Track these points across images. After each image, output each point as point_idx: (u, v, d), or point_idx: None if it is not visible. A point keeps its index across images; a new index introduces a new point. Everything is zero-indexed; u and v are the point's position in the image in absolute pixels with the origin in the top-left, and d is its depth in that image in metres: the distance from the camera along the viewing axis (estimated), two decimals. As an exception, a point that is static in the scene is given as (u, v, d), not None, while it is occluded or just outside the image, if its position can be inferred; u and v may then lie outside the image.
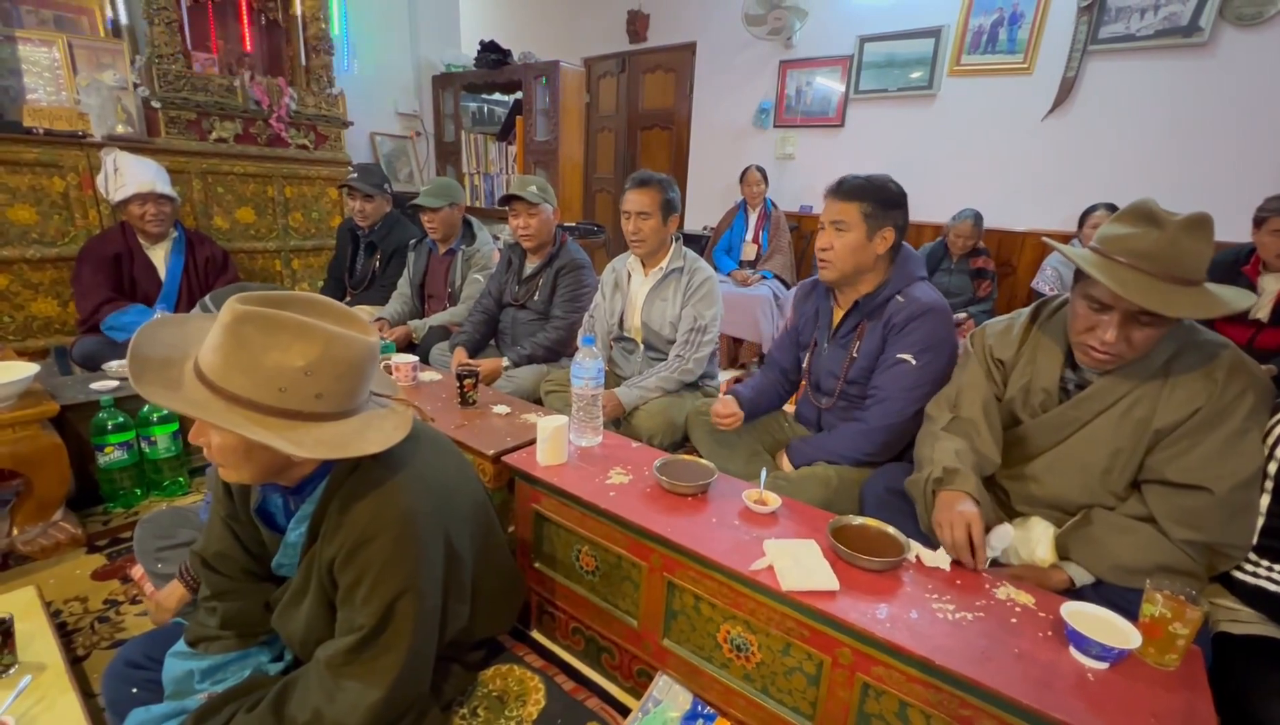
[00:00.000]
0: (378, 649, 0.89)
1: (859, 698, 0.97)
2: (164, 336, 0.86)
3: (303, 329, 0.79)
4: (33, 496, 1.66)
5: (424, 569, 0.92)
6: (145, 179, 2.37)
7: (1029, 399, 1.27)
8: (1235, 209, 2.38)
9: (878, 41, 3.86)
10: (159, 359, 0.83)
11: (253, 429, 0.78)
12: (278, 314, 0.79)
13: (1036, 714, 0.79)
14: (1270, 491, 1.07)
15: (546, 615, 1.46)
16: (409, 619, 0.90)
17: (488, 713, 1.18)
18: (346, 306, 0.91)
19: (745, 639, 1.10)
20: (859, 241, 1.49)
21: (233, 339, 0.78)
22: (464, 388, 1.73)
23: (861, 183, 1.50)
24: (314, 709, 0.88)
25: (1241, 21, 2.81)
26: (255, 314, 0.78)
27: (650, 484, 1.32)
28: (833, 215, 1.53)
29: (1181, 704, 0.81)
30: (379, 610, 0.88)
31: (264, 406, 0.79)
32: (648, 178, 1.97)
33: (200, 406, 0.78)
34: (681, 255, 2.03)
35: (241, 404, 0.79)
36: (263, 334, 0.78)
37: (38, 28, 2.71)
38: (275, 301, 0.82)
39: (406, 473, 0.93)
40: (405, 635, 0.90)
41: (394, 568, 0.88)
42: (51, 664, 1.19)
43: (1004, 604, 0.99)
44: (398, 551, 0.88)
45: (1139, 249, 1.03)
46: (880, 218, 1.48)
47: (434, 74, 4.54)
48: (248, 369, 0.78)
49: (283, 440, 0.79)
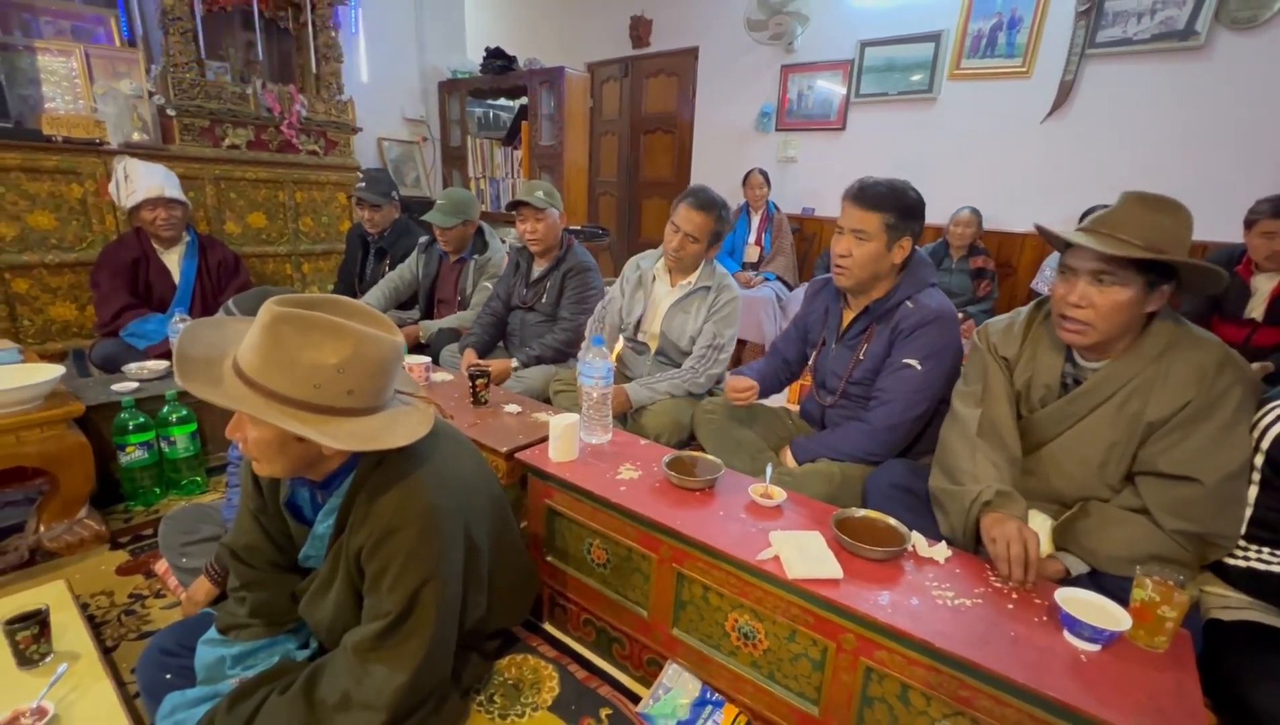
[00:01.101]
0: (403, 635, 0.94)
1: (862, 681, 1.01)
2: (205, 337, 0.92)
3: (336, 329, 0.84)
4: (59, 494, 1.71)
5: (446, 559, 0.96)
6: (154, 184, 2.41)
7: (1030, 394, 1.31)
8: (1232, 210, 2.42)
9: (878, 46, 3.91)
10: (201, 358, 0.88)
11: (289, 422, 0.83)
12: (312, 315, 0.84)
13: (1032, 692, 0.83)
14: (1258, 483, 1.11)
15: (559, 608, 1.50)
16: (432, 606, 0.94)
17: (504, 699, 1.23)
18: (369, 308, 0.96)
19: (752, 627, 1.14)
20: (879, 251, 1.51)
21: (270, 338, 0.83)
22: (476, 388, 1.78)
23: (884, 191, 1.49)
24: (343, 692, 0.92)
25: (1237, 25, 2.85)
26: (292, 315, 0.83)
27: (659, 479, 1.37)
28: (853, 223, 1.51)
29: (1170, 682, 0.85)
30: (404, 598, 0.92)
31: (299, 402, 0.84)
32: (709, 201, 1.92)
33: (240, 401, 0.84)
34: (711, 274, 2.01)
35: (278, 399, 0.84)
36: (298, 333, 0.83)
37: (56, 38, 2.78)
38: (308, 303, 0.87)
39: (429, 468, 0.98)
40: (429, 622, 0.94)
41: (418, 557, 0.93)
42: (85, 653, 1.23)
43: (1001, 591, 1.04)
44: (422, 542, 0.93)
45: (1105, 217, 1.15)
46: (901, 228, 1.50)
47: (440, 80, 4.60)
48: (284, 366, 0.83)
49: (317, 432, 0.84)
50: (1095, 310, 1.13)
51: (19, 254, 2.55)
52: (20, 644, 1.16)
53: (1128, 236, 1.10)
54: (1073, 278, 1.16)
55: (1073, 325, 1.17)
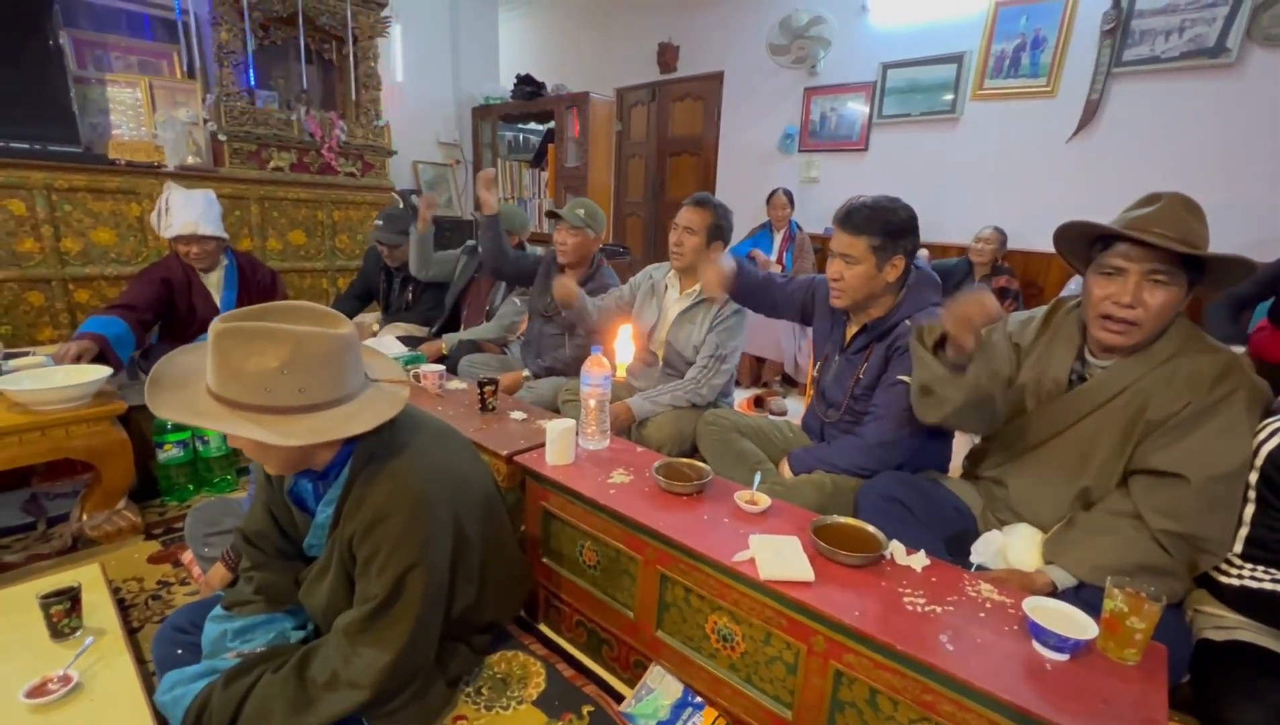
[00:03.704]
0: (389, 618, 1.00)
1: (832, 684, 1.02)
2: (182, 362, 1.01)
3: (272, 334, 0.90)
4: (100, 486, 1.84)
5: (433, 546, 1.02)
6: (190, 220, 2.39)
7: (1039, 387, 1.32)
8: (1265, 230, 2.35)
9: (901, 68, 3.93)
10: (175, 381, 0.97)
11: (249, 428, 0.90)
12: (251, 324, 0.91)
13: (989, 696, 0.83)
14: (1254, 501, 1.09)
15: (553, 609, 1.54)
16: (418, 591, 1.00)
17: (491, 692, 1.27)
18: (323, 307, 1.02)
19: (730, 629, 1.17)
20: (869, 272, 1.53)
21: (219, 353, 0.91)
22: (484, 395, 1.85)
23: (867, 215, 1.51)
24: (332, 671, 0.99)
25: (1270, 41, 2.78)
26: (231, 328, 0.90)
27: (649, 484, 1.41)
28: (841, 247, 1.55)
29: (1134, 693, 0.84)
30: (390, 582, 0.99)
31: (255, 406, 0.91)
32: (704, 200, 2.07)
33: (202, 416, 0.92)
34: None
35: (241, 408, 0.91)
36: (240, 344, 0.90)
37: (124, 71, 3.04)
38: (253, 314, 0.94)
39: (420, 460, 1.04)
40: (414, 606, 1.00)
41: (405, 543, 0.99)
42: (111, 630, 1.33)
43: (975, 600, 1.04)
44: (409, 529, 0.99)
45: (1151, 216, 1.11)
46: (889, 248, 1.51)
47: (474, 106, 4.81)
48: (235, 376, 0.90)
49: (274, 434, 0.90)
50: (1145, 310, 1.12)
51: (82, 267, 2.79)
52: (53, 617, 1.26)
53: (1179, 236, 1.08)
54: (1120, 278, 1.13)
55: (1118, 326, 1.15)
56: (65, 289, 2.76)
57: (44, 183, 2.64)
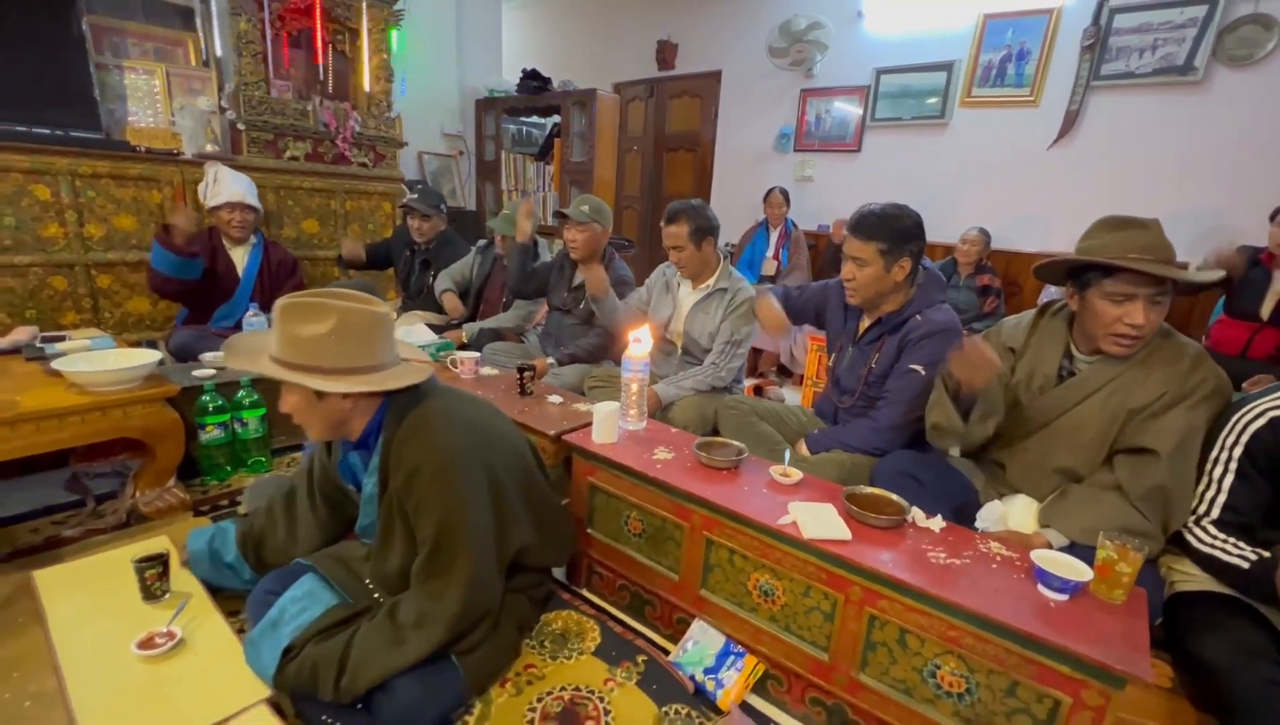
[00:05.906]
0: (447, 557, 1.16)
1: (867, 628, 1.19)
2: (250, 339, 1.28)
3: (323, 307, 1.13)
4: (154, 464, 1.92)
5: (469, 488, 1.19)
6: (238, 190, 2.75)
7: (1031, 382, 1.50)
8: (1220, 235, 2.59)
9: (894, 74, 4.12)
10: (247, 349, 1.23)
11: (300, 377, 1.11)
12: (306, 300, 1.13)
13: (1007, 628, 1.01)
14: (1235, 473, 1.25)
15: (596, 575, 1.69)
16: (462, 528, 1.16)
17: (554, 644, 1.42)
18: (366, 293, 1.23)
19: (772, 585, 1.33)
20: (878, 273, 1.69)
21: (281, 321, 1.14)
22: (523, 380, 1.98)
23: (875, 222, 1.67)
24: (418, 611, 1.15)
25: (1234, 62, 3.03)
26: (291, 302, 1.14)
27: (690, 460, 1.56)
28: (853, 251, 1.71)
29: (1123, 626, 1.02)
30: (435, 523, 1.16)
31: (307, 366, 1.13)
32: (675, 211, 2.15)
33: (264, 367, 1.16)
34: (728, 276, 2.23)
35: (294, 367, 1.13)
36: (298, 315, 1.13)
37: (140, 58, 3.06)
38: (309, 294, 1.17)
39: (446, 417, 1.22)
40: (464, 543, 1.16)
41: (441, 489, 1.16)
42: (195, 593, 1.43)
43: (987, 555, 1.21)
44: (442, 474, 1.16)
45: (1143, 244, 1.27)
46: (896, 252, 1.67)
47: (477, 98, 4.87)
48: (293, 341, 1.13)
49: (322, 383, 1.11)
50: (1150, 326, 1.29)
51: (104, 252, 2.82)
52: (147, 579, 1.37)
53: (1168, 257, 1.27)
54: (1130, 303, 1.29)
55: (1129, 341, 1.31)
56: (88, 274, 2.79)
57: (68, 169, 2.66)
